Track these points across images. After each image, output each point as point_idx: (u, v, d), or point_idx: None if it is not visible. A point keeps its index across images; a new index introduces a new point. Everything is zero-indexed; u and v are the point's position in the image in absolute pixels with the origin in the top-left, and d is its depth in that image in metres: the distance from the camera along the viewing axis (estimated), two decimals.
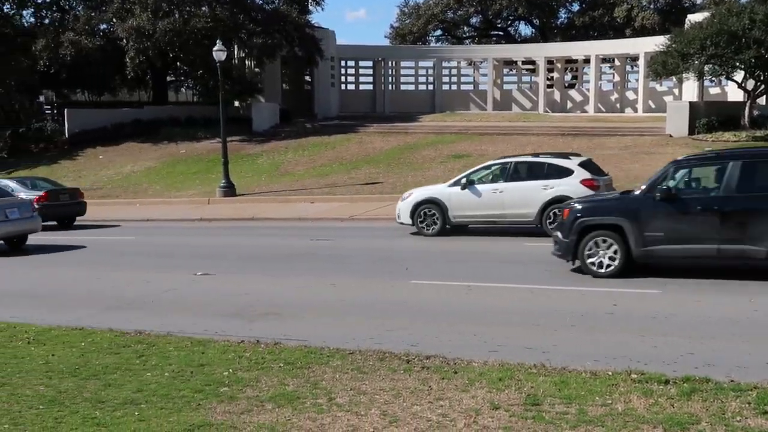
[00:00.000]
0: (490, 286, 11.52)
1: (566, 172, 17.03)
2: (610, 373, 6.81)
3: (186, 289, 12.29)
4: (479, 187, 17.60)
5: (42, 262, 16.25)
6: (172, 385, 6.78)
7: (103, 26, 43.93)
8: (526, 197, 16.88)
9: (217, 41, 29.00)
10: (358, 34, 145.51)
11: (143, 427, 5.76)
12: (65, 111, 44.52)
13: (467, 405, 6.15)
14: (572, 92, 47.56)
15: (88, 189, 32.63)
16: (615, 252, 11.63)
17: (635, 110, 42.76)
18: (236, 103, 43.36)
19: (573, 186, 16.52)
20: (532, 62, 47.14)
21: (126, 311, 10.67)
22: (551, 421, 5.76)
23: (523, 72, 50.12)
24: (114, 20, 41.05)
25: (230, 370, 7.21)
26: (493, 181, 17.67)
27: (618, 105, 44.49)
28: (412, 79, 49.81)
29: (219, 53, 28.27)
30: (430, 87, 48.43)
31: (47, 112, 51.60)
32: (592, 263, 11.76)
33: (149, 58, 39.96)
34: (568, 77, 49.20)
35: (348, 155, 33.62)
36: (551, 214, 16.23)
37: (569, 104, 46.51)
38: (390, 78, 48.52)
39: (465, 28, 61.51)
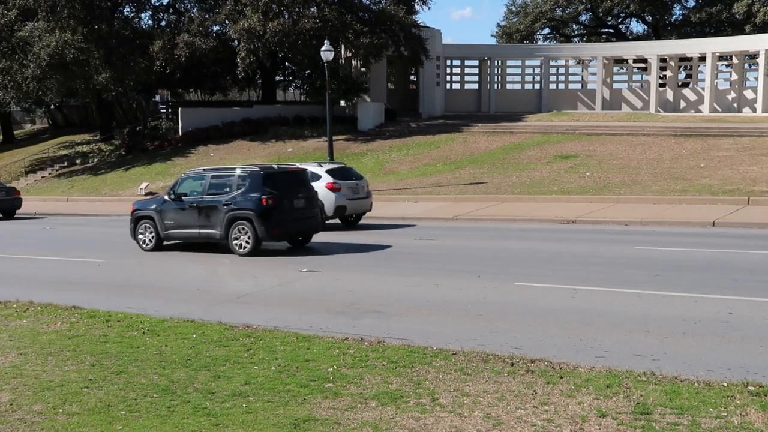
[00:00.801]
0: (597, 290, 11.25)
1: (317, 177, 20.05)
2: (725, 384, 6.53)
3: (293, 285, 12.52)
4: None
5: (158, 257, 16.88)
6: (278, 379, 6.92)
7: (215, 28, 45.32)
8: None
9: (325, 41, 29.43)
10: (464, 32, 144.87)
11: (251, 420, 5.89)
12: (179, 110, 46.20)
13: (573, 411, 6.02)
14: (686, 91, 45.95)
15: None
16: (151, 234, 17.33)
17: (754, 110, 40.95)
18: (342, 103, 43.92)
19: (320, 189, 19.45)
20: (644, 60, 45.79)
21: (235, 305, 10.97)
22: (662, 431, 5.57)
23: (634, 70, 48.76)
24: (226, 22, 42.29)
25: (335, 367, 7.29)
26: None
27: (735, 104, 42.70)
28: (518, 78, 49.21)
29: (326, 53, 28.69)
30: (537, 86, 47.78)
31: (162, 111, 53.69)
32: (142, 240, 17.51)
33: (259, 58, 40.98)
34: (681, 76, 47.55)
35: (452, 155, 33.53)
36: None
37: (682, 104, 44.96)
38: (496, 77, 48.10)
39: (574, 25, 60.37)
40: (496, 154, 32.57)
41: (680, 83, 47.17)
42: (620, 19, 59.36)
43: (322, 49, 28.91)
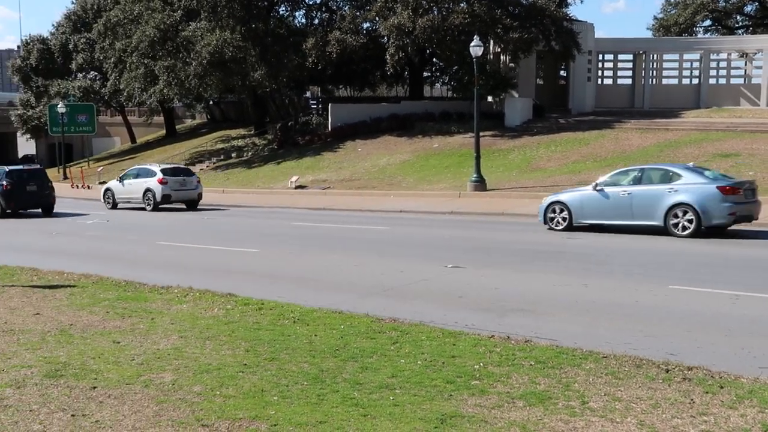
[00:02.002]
0: (761, 297, 10.59)
1: (153, 174, 29.99)
2: None
3: (437, 280, 12.55)
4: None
5: (307, 249, 17.39)
6: (424, 374, 6.94)
7: (366, 25, 46.07)
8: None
9: (475, 37, 29.29)
10: (616, 26, 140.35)
11: (398, 412, 5.94)
12: (329, 106, 47.33)
13: (735, 424, 5.69)
14: None
15: (347, 180, 34.47)
16: None
17: None
18: (489, 98, 43.59)
19: (153, 182, 29.78)
20: None
21: (381, 298, 11.11)
22: None
23: None
24: (377, 18, 42.89)
25: (481, 364, 7.23)
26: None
27: None
28: (675, 73, 47.04)
29: (476, 49, 28.54)
30: (695, 81, 45.56)
31: (313, 106, 55.20)
32: None
33: (408, 54, 41.32)
34: None
35: (602, 152, 32.56)
36: None
37: None
38: (651, 72, 46.26)
39: (738, 17, 57.16)
40: (650, 151, 31.33)
41: None
42: None
43: (472, 44, 28.78)
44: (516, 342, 8.11)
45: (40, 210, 29.45)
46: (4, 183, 28.63)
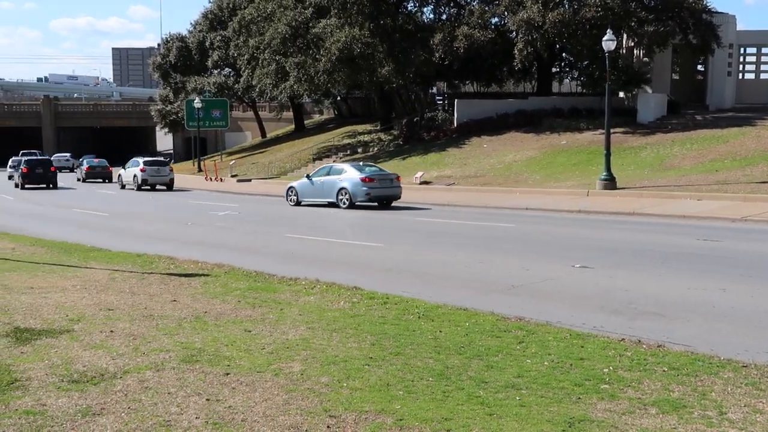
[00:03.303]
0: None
1: (137, 164, 43.99)
2: None
3: (564, 280, 12.28)
4: None
5: (431, 243, 17.41)
6: (551, 375, 6.80)
7: (494, 20, 45.64)
8: None
9: (607, 30, 28.49)
10: (760, 17, 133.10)
11: (524, 413, 5.84)
12: (455, 101, 47.22)
13: None
14: None
15: (472, 176, 34.29)
16: None
17: None
18: (621, 94, 42.35)
19: (136, 170, 43.44)
20: None
21: (506, 296, 10.98)
22: None
23: None
24: (505, 13, 42.41)
25: (610, 368, 7.02)
26: None
27: None
28: None
29: (608, 43, 27.76)
30: None
31: (438, 102, 55.20)
32: None
33: (536, 49, 40.68)
34: None
35: (743, 150, 30.97)
36: None
37: None
38: None
39: None
40: None
41: None
42: None
43: (604, 38, 28.01)
44: (648, 346, 7.82)
45: (49, 186, 45.35)
46: (23, 167, 45.53)
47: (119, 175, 46.25)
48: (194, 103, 54.21)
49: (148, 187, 42.84)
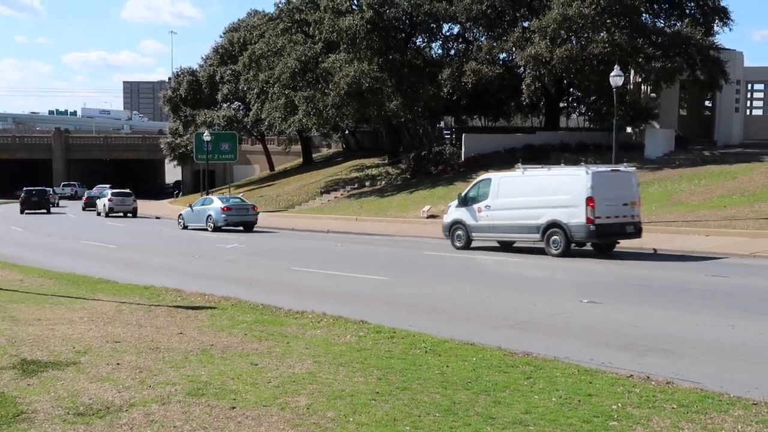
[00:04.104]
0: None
1: (105, 196, 53.18)
2: None
3: (572, 315, 12.23)
4: None
5: (438, 278, 17.37)
6: (559, 411, 6.74)
7: (502, 55, 45.94)
8: None
9: (615, 66, 28.66)
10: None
11: None
12: (462, 136, 47.38)
13: None
14: None
15: None
16: None
17: None
18: (629, 129, 42.42)
19: (104, 200, 51.98)
20: None
21: (513, 331, 10.92)
22: None
23: None
24: (513, 49, 42.70)
25: (619, 405, 6.96)
26: None
27: None
28: None
29: (616, 78, 27.91)
30: None
31: (446, 136, 55.41)
32: None
33: (544, 84, 40.87)
34: None
35: (751, 186, 30.88)
36: None
37: None
38: None
39: None
40: None
41: None
42: None
43: (612, 74, 28.17)
44: (657, 383, 7.76)
45: (44, 211, 54.92)
46: (23, 195, 55.59)
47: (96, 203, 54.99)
48: (203, 136, 54.54)
49: (115, 214, 50.06)
